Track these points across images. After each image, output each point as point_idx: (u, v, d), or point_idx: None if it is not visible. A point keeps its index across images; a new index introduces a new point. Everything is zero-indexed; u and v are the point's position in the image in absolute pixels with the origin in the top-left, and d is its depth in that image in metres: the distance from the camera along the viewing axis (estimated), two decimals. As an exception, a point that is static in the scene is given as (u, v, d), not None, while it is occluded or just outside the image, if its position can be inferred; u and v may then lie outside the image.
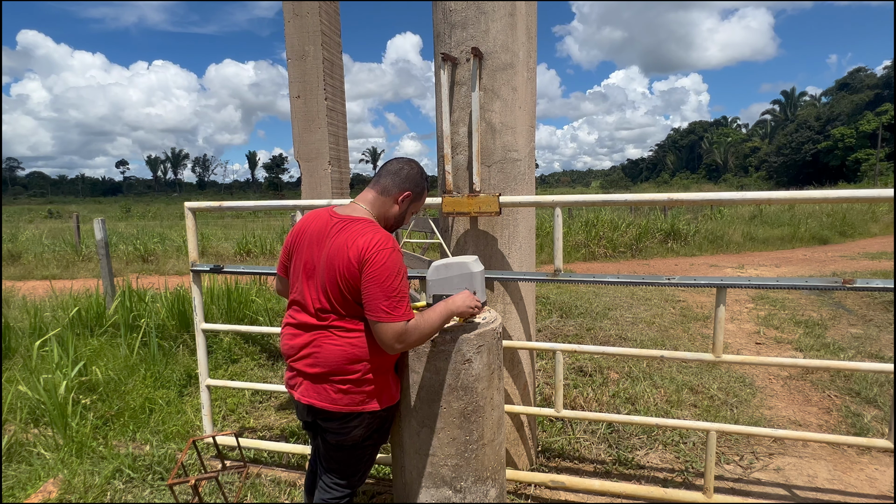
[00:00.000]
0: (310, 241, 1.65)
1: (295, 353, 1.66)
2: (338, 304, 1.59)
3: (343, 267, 1.54)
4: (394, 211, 1.73)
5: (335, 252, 1.57)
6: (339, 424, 1.65)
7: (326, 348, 1.61)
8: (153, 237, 13.86)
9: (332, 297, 1.59)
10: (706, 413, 3.31)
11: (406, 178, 1.71)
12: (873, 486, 2.48)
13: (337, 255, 1.56)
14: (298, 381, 1.67)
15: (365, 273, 1.53)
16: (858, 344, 4.63)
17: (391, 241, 1.58)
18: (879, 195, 1.86)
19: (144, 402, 3.35)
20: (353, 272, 1.54)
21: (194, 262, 2.66)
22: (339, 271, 1.55)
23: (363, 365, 1.61)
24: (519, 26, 2.26)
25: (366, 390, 1.63)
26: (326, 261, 1.58)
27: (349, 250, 1.54)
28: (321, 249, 1.61)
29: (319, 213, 1.71)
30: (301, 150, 2.70)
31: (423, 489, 1.85)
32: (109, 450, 2.84)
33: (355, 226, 1.60)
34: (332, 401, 1.62)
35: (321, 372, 1.61)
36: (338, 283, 1.57)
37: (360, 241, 1.54)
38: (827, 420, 3.26)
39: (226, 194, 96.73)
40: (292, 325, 1.68)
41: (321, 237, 1.63)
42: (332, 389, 1.61)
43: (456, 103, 2.31)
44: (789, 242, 12.53)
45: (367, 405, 1.64)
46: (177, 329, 4.56)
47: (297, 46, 2.64)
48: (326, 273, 1.58)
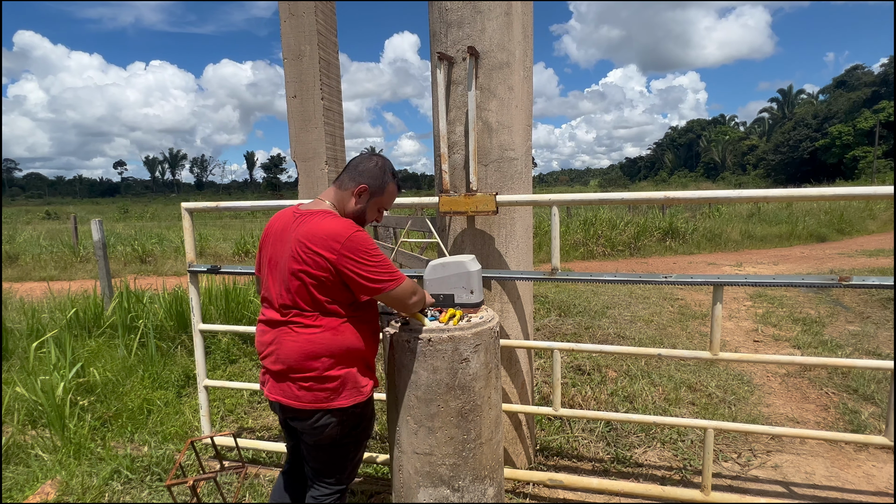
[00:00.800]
0: (274, 239, 1.66)
1: (263, 350, 1.67)
2: (299, 299, 1.58)
3: (307, 258, 1.54)
4: (351, 205, 1.69)
5: (296, 245, 1.57)
6: (310, 424, 1.64)
7: (286, 345, 1.60)
8: (151, 238, 13.83)
9: (294, 291, 1.58)
10: (704, 411, 3.31)
11: (362, 172, 1.69)
12: (871, 483, 2.49)
13: (298, 247, 1.56)
14: (266, 378, 1.69)
15: (343, 260, 1.53)
16: (856, 341, 4.64)
17: (352, 224, 1.59)
18: (878, 192, 1.87)
19: (142, 403, 3.34)
20: (320, 262, 1.53)
21: (191, 262, 2.66)
22: (301, 263, 1.55)
23: (323, 361, 1.59)
24: (515, 25, 2.26)
25: (329, 387, 1.61)
26: (287, 255, 1.59)
27: (313, 241, 1.54)
28: (283, 245, 1.62)
29: (285, 211, 1.72)
30: (298, 149, 2.70)
31: (421, 488, 1.85)
32: (107, 451, 2.84)
33: (314, 218, 1.60)
34: (296, 398, 1.61)
35: (282, 369, 1.61)
36: (299, 276, 1.56)
37: (323, 232, 1.54)
38: (825, 417, 3.27)
39: (224, 195, 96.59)
40: (262, 322, 1.70)
41: (284, 233, 1.63)
42: (295, 387, 1.61)
43: (452, 102, 2.31)
44: (787, 240, 12.56)
45: (333, 402, 1.62)
46: (175, 330, 4.55)
47: (293, 46, 2.64)
48: (287, 268, 1.59)
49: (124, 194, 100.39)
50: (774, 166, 53.92)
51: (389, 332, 1.85)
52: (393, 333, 1.84)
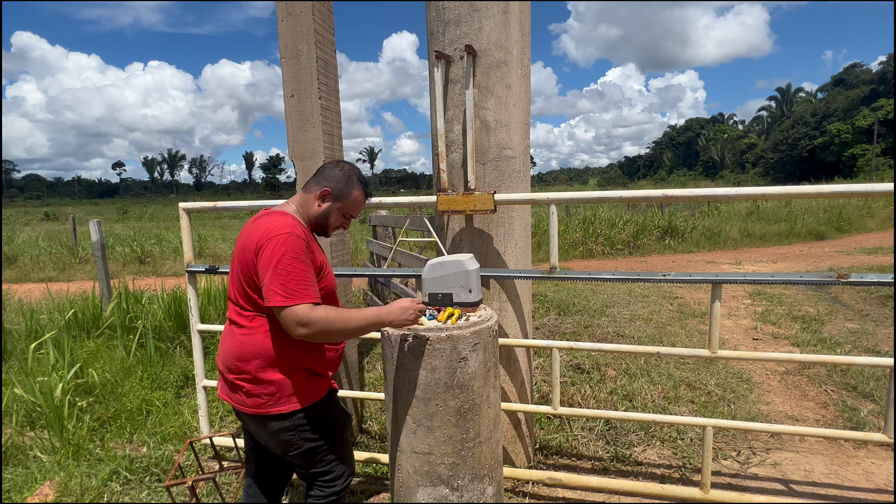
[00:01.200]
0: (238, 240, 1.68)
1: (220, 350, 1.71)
2: (239, 297, 1.59)
3: (244, 258, 1.55)
4: (314, 209, 1.68)
5: (240, 246, 1.59)
6: (262, 430, 1.61)
7: (224, 343, 1.63)
8: (150, 238, 13.83)
9: (235, 290, 1.61)
10: (703, 409, 3.31)
11: (327, 177, 1.68)
12: (870, 480, 2.49)
13: (241, 248, 1.58)
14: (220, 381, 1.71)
15: (259, 259, 1.49)
16: (855, 339, 4.64)
17: (290, 226, 1.53)
18: (878, 189, 1.86)
19: (141, 404, 3.34)
20: (250, 261, 1.53)
21: (189, 262, 2.65)
22: (241, 263, 1.56)
23: (253, 363, 1.55)
24: (512, 23, 2.25)
25: (267, 391, 1.55)
26: (235, 256, 1.62)
27: (249, 240, 1.55)
28: (239, 249, 1.62)
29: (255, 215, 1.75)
30: (295, 149, 2.69)
31: (419, 488, 1.85)
32: (106, 452, 2.83)
33: (263, 217, 1.59)
34: (241, 402, 1.59)
35: (221, 368, 1.64)
36: (239, 275, 1.58)
37: (259, 230, 1.53)
38: (824, 415, 3.27)
39: (223, 195, 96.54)
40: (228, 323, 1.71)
41: (242, 233, 1.64)
42: (232, 388, 1.60)
43: (450, 101, 2.30)
44: (786, 238, 12.57)
45: (273, 408, 1.56)
46: (174, 330, 4.54)
47: (290, 45, 2.63)
48: (233, 268, 1.62)
49: (123, 195, 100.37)
50: (773, 164, 53.94)
51: (388, 332, 1.85)
52: (391, 332, 1.83)
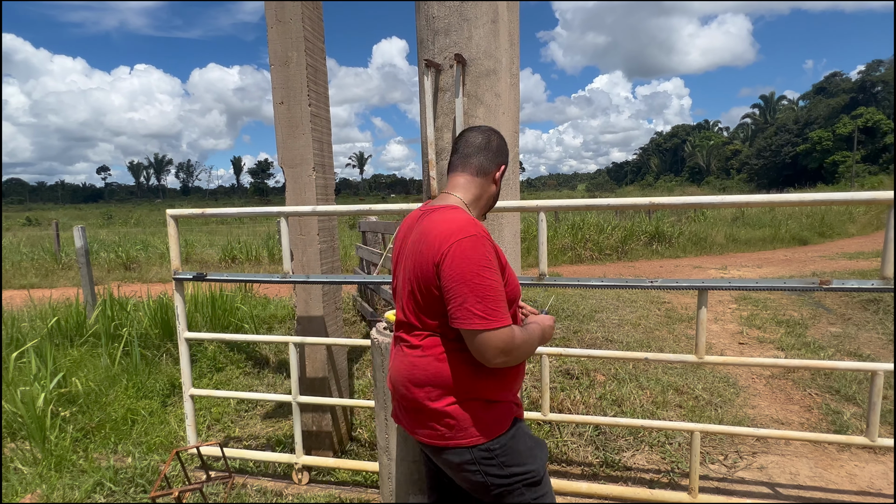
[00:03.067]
0: (400, 245, 1.46)
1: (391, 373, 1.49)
2: (411, 314, 1.34)
3: (418, 267, 1.29)
4: (492, 191, 1.47)
5: (410, 252, 1.35)
6: (442, 461, 1.35)
7: (395, 363, 1.40)
8: (135, 244, 13.64)
9: (406, 306, 1.35)
10: (691, 413, 3.34)
11: (498, 151, 1.46)
12: (853, 483, 2.53)
13: (412, 255, 1.33)
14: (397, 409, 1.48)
15: (444, 270, 1.22)
16: (838, 342, 4.72)
17: (473, 225, 1.26)
18: (877, 197, 1.90)
19: (126, 414, 3.28)
20: (428, 272, 1.26)
21: (177, 270, 2.62)
22: (414, 274, 1.30)
23: (427, 391, 1.30)
24: (502, 33, 2.28)
25: (443, 423, 1.29)
26: (405, 264, 1.37)
27: (423, 245, 1.28)
28: (404, 251, 1.40)
29: (415, 212, 1.48)
30: (285, 156, 2.68)
31: (410, 496, 1.84)
32: (90, 463, 2.78)
33: (432, 215, 1.33)
34: (428, 435, 1.33)
35: (391, 391, 1.43)
36: (412, 289, 1.31)
37: (434, 235, 1.26)
38: (808, 418, 3.32)
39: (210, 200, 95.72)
40: (396, 342, 1.47)
41: (407, 238, 1.41)
42: (405, 412, 1.38)
43: (440, 109, 2.32)
44: (770, 243, 12.78)
45: (449, 441, 1.30)
46: (160, 338, 4.48)
47: (280, 52, 2.63)
48: (403, 279, 1.36)
49: (108, 200, 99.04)
50: (757, 171, 54.92)
51: (378, 339, 1.85)
52: (382, 340, 1.83)
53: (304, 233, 2.72)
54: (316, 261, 2.73)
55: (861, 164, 43.01)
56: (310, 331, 2.79)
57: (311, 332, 2.78)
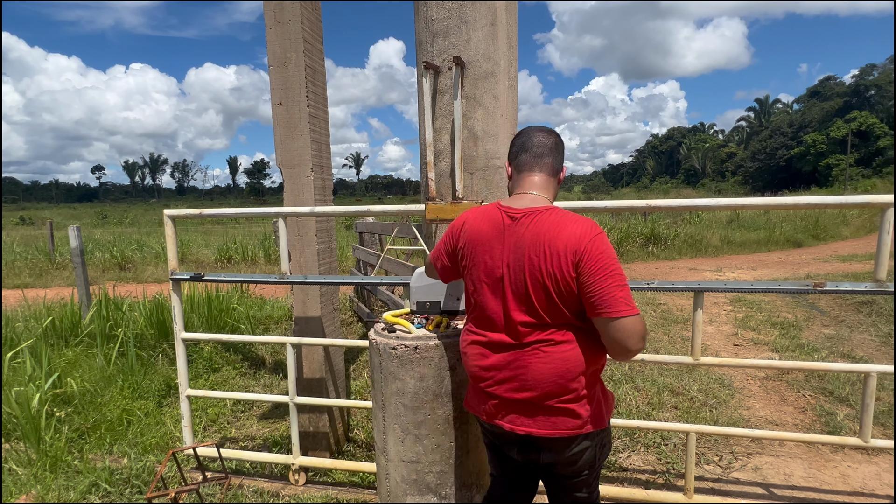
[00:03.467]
0: (486, 245, 1.43)
1: (489, 376, 1.45)
2: (544, 313, 1.36)
3: (553, 265, 1.31)
4: (557, 191, 1.54)
5: (535, 250, 1.34)
6: (566, 454, 1.43)
7: (535, 368, 1.37)
8: (130, 244, 13.58)
9: (539, 305, 1.35)
10: (687, 415, 3.37)
11: (562, 152, 1.51)
12: (846, 483, 2.55)
13: (540, 253, 1.33)
14: (504, 409, 1.44)
15: (587, 265, 1.29)
16: (831, 344, 4.76)
17: (596, 223, 1.37)
18: (871, 201, 1.92)
19: (122, 414, 3.27)
20: (566, 269, 1.30)
21: (174, 270, 2.62)
22: (546, 272, 1.32)
23: (580, 381, 1.37)
24: (500, 35, 2.29)
25: (585, 408, 1.39)
26: (526, 263, 1.35)
27: (558, 243, 1.31)
28: (506, 252, 1.39)
29: (487, 211, 1.48)
30: (283, 156, 2.68)
31: (408, 497, 1.84)
32: (85, 464, 2.77)
33: (547, 215, 1.37)
34: (553, 426, 1.38)
35: (533, 396, 1.38)
36: (545, 286, 1.33)
37: (566, 234, 1.32)
38: (802, 419, 3.34)
39: (206, 200, 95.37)
40: (480, 345, 1.47)
41: (500, 238, 1.41)
42: (551, 413, 1.39)
43: (438, 111, 2.33)
44: (765, 245, 12.86)
45: (590, 427, 1.41)
46: (156, 338, 4.47)
47: (279, 53, 2.63)
48: (529, 278, 1.35)
49: (103, 199, 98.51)
50: (752, 173, 55.21)
51: (376, 340, 1.85)
52: (379, 341, 1.83)
53: (301, 233, 2.72)
54: (314, 261, 2.73)
55: (854, 167, 43.32)
56: (307, 331, 2.79)
57: (309, 333, 2.78)
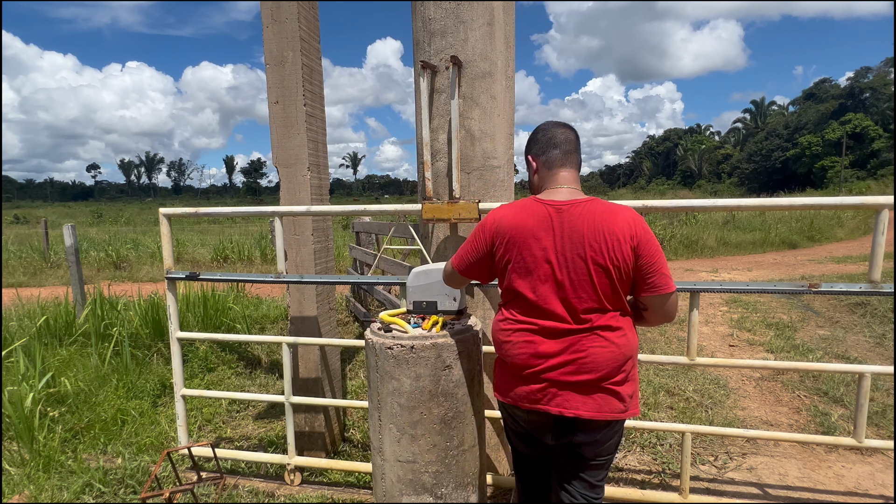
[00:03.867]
0: (533, 237, 1.47)
1: (543, 362, 1.48)
2: (605, 299, 1.44)
3: (615, 251, 1.41)
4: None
5: (595, 237, 1.42)
6: (603, 434, 1.51)
7: (594, 352, 1.44)
8: (126, 243, 13.52)
9: (602, 290, 1.43)
10: (682, 415, 3.37)
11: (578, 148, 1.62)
12: (840, 483, 2.57)
13: (601, 239, 1.42)
14: (552, 392, 1.48)
15: (644, 248, 1.42)
16: (826, 345, 4.78)
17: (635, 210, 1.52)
18: (873, 202, 1.93)
19: (116, 414, 3.25)
20: (626, 255, 1.42)
21: (169, 269, 2.61)
22: (609, 257, 1.41)
23: (630, 363, 1.48)
24: (497, 35, 2.29)
25: (629, 391, 1.49)
26: (587, 250, 1.42)
27: (616, 229, 1.42)
28: (558, 242, 1.45)
29: (526, 205, 1.53)
30: (280, 155, 2.68)
31: (403, 497, 1.84)
32: (79, 464, 2.75)
33: (595, 205, 1.47)
34: (599, 408, 1.46)
35: (590, 379, 1.45)
36: (609, 271, 1.42)
37: (621, 221, 1.43)
38: (797, 420, 3.36)
39: (202, 199, 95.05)
40: (529, 332, 1.50)
41: (549, 229, 1.46)
42: (603, 396, 1.46)
43: (436, 111, 2.32)
44: (761, 247, 12.91)
45: (630, 410, 1.50)
46: (151, 338, 4.45)
47: (275, 52, 2.62)
48: (591, 264, 1.42)
49: (98, 198, 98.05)
50: (748, 175, 55.43)
51: (372, 340, 1.85)
52: (376, 340, 1.83)
53: (298, 233, 2.71)
54: (310, 261, 2.72)
55: (849, 169, 43.57)
56: (303, 331, 2.78)
57: (305, 333, 2.77)
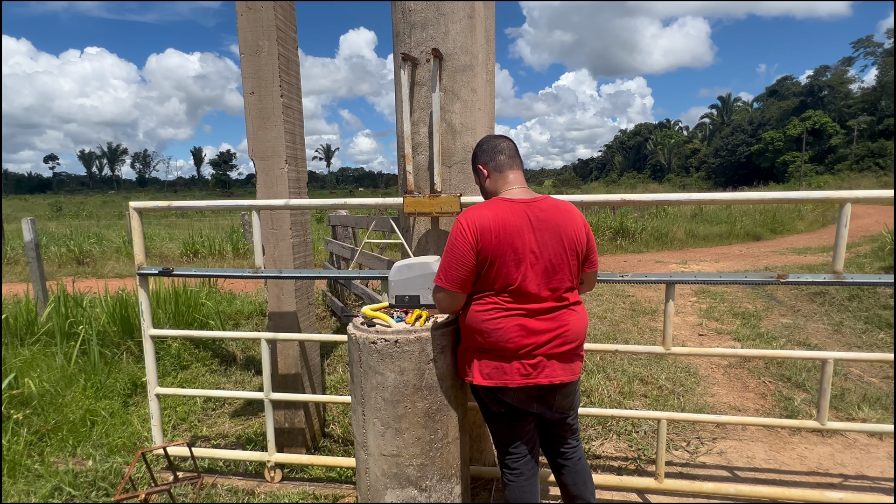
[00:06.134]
0: (518, 233, 1.66)
1: (530, 341, 1.67)
2: (574, 278, 1.73)
3: (581, 238, 1.72)
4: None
5: (569, 228, 1.69)
6: (572, 388, 1.78)
7: (574, 323, 1.71)
8: (89, 237, 12.99)
9: (572, 271, 1.71)
10: (656, 402, 3.48)
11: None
12: (804, 464, 2.70)
13: (573, 231, 1.70)
14: (542, 366, 1.68)
15: (590, 236, 1.77)
16: (789, 333, 5.00)
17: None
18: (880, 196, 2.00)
19: (85, 415, 3.14)
20: (583, 241, 1.73)
21: (141, 265, 2.52)
22: (578, 243, 1.71)
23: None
24: (478, 28, 2.29)
25: (583, 353, 1.81)
26: (564, 238, 1.68)
27: (578, 222, 1.72)
28: (538, 234, 1.66)
29: (501, 205, 1.70)
30: (256, 148, 2.61)
31: (388, 490, 1.85)
32: (46, 467, 2.65)
33: (555, 201, 1.75)
34: (573, 371, 1.74)
35: (572, 347, 1.71)
36: (578, 254, 1.72)
37: (576, 214, 1.74)
38: (762, 404, 3.51)
39: (169, 192, 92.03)
40: (520, 316, 1.67)
41: (529, 224, 1.66)
42: (577, 360, 1.75)
43: (416, 103, 2.31)
44: (727, 239, 13.35)
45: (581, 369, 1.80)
46: (119, 335, 4.30)
47: (250, 41, 2.55)
48: (568, 250, 1.69)
49: (57, 191, 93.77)
50: (715, 169, 57.15)
51: (356, 334, 1.84)
52: (359, 335, 1.82)
53: (276, 227, 2.66)
54: (288, 255, 2.68)
55: (809, 164, 45.40)
56: (282, 327, 2.73)
57: (284, 329, 2.73)
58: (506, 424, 1.82)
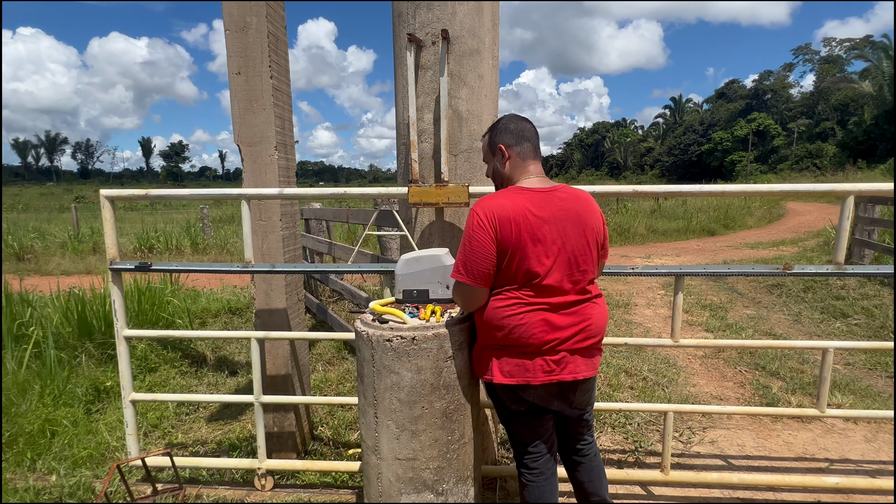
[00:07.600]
0: (538, 224, 1.57)
1: (554, 336, 1.59)
2: (594, 269, 1.67)
3: (601, 229, 1.68)
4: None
5: (590, 218, 1.64)
6: (592, 384, 1.74)
7: (597, 317, 1.66)
8: (29, 232, 12.03)
9: (593, 262, 1.66)
10: (643, 394, 3.52)
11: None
12: (791, 450, 2.79)
13: (592, 220, 1.64)
14: (565, 361, 1.62)
15: (605, 225, 1.72)
16: (754, 323, 5.21)
17: None
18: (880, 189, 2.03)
19: (44, 425, 2.85)
20: (602, 230, 1.69)
21: (114, 259, 2.29)
22: (598, 233, 1.67)
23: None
24: (485, 11, 2.20)
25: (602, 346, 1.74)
26: (587, 229, 1.63)
27: (597, 212, 1.68)
28: (560, 225, 1.59)
29: (519, 193, 1.60)
30: (243, 133, 2.42)
31: (403, 496, 1.74)
32: (2, 485, 2.38)
33: (573, 191, 1.68)
34: (594, 366, 1.68)
35: (594, 342, 1.66)
36: (598, 245, 1.67)
37: (594, 203, 1.69)
38: (742, 393, 3.62)
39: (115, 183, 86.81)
40: (544, 311, 1.59)
41: (554, 213, 1.59)
42: (598, 354, 1.70)
43: (420, 88, 2.20)
44: (684, 234, 13.89)
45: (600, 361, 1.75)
46: (75, 337, 3.96)
47: (236, 16, 2.35)
48: (590, 240, 1.63)
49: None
50: (668, 167, 59.48)
51: (368, 332, 1.72)
52: (372, 332, 1.70)
53: (264, 218, 2.48)
54: (278, 248, 2.51)
55: (754, 163, 48.02)
56: (271, 324, 2.56)
57: (273, 326, 2.56)
58: (526, 423, 1.75)
